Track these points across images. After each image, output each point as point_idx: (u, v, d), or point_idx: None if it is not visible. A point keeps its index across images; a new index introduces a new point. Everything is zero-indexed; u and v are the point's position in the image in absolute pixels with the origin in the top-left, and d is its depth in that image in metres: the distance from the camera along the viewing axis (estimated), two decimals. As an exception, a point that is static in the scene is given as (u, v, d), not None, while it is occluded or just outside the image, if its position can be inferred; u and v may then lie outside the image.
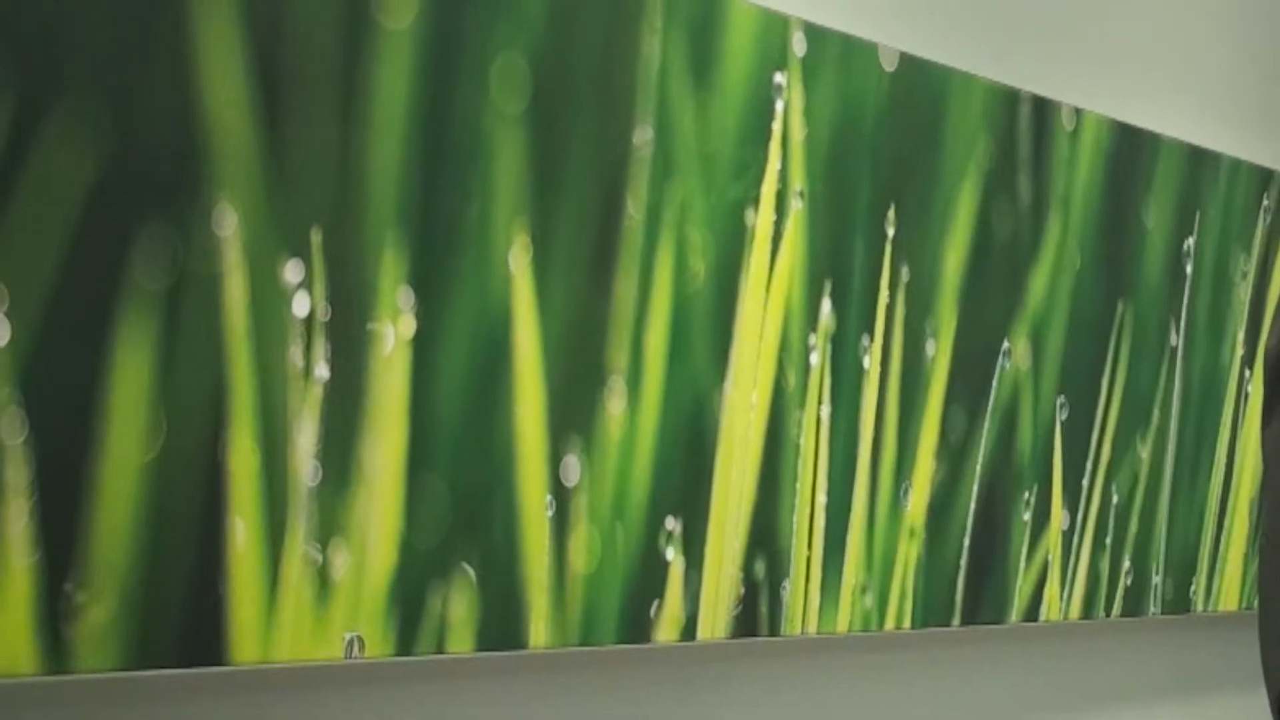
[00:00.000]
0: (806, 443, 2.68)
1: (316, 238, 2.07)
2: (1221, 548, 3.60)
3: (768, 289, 2.61)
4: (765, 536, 2.62)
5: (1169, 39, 3.54)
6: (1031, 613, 3.08)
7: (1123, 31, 3.41)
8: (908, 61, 2.81)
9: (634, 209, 2.42)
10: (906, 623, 2.82)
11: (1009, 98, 3.00)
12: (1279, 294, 3.74)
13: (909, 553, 2.86)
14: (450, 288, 2.21)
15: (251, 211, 2.02)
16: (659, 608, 2.46)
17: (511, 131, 2.27)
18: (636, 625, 2.43)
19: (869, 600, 2.78)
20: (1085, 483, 3.20)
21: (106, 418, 1.89)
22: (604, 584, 2.40)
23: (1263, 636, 1.52)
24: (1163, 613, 3.39)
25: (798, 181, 2.64)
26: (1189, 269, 3.45)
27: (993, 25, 3.10)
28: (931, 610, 2.87)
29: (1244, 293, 3.61)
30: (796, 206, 2.64)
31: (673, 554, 2.47)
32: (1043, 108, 3.08)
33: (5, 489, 1.81)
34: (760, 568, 2.61)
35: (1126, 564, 3.33)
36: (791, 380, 2.65)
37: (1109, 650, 3.42)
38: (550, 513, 2.31)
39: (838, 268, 2.72)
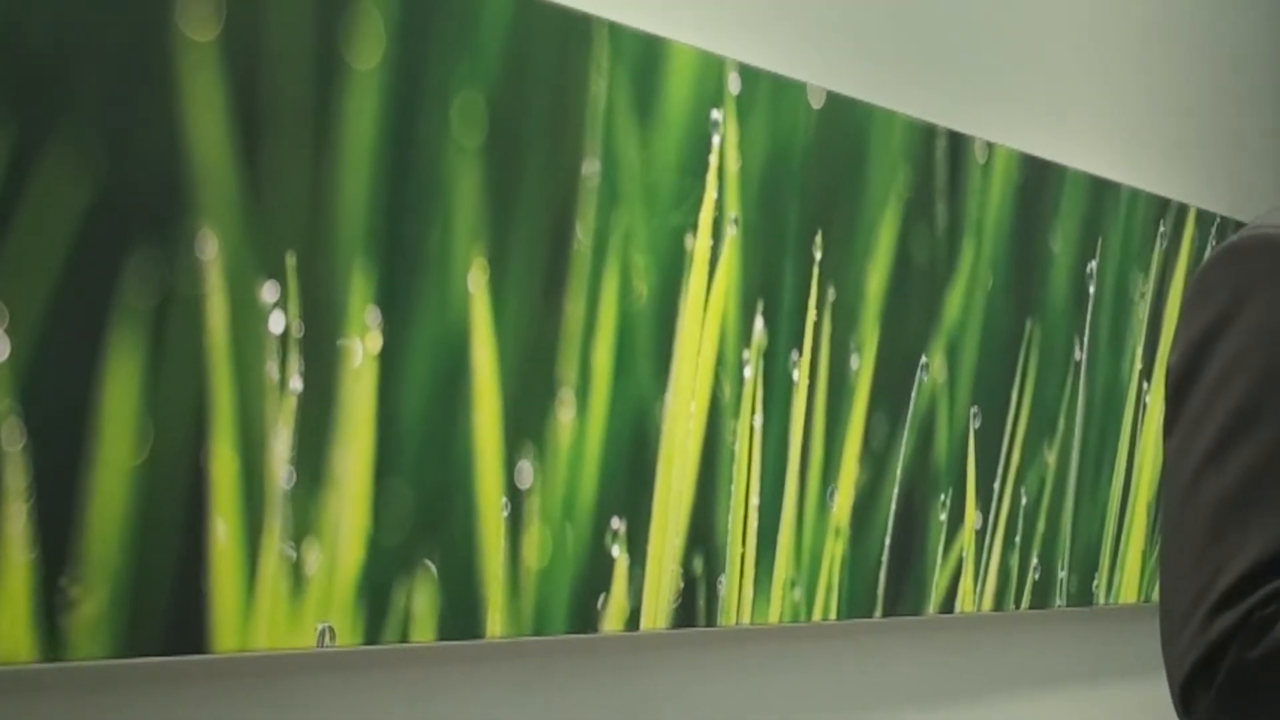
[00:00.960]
0: (740, 449, 2.68)
1: (291, 261, 2.08)
2: (1122, 546, 3.60)
3: (705, 308, 2.61)
4: (703, 535, 2.62)
5: (1074, 79, 3.55)
6: (947, 605, 3.09)
7: (1031, 72, 3.41)
8: (834, 99, 2.82)
9: (582, 234, 2.42)
10: (832, 614, 2.83)
11: (927, 133, 3.01)
12: (1177, 314, 3.73)
13: (835, 550, 2.85)
14: (414, 306, 2.21)
15: (231, 237, 2.02)
16: (605, 600, 2.46)
17: (470, 163, 2.28)
18: (584, 617, 2.43)
19: (798, 594, 2.78)
20: (996, 486, 3.22)
21: (98, 426, 1.90)
22: (555, 579, 2.39)
23: (1163, 633, 1.52)
24: (1068, 605, 3.41)
25: (733, 209, 2.65)
26: (1092, 290, 3.46)
27: (912, 66, 3.11)
28: (855, 603, 2.88)
29: (1142, 312, 3.62)
30: (731, 232, 2.65)
31: (618, 551, 2.48)
32: (958, 142, 3.08)
33: (5, 492, 1.82)
34: (698, 564, 2.61)
35: (1034, 561, 3.33)
36: (727, 392, 2.65)
37: (1018, 640, 3.41)
38: (505, 513, 2.32)
39: (769, 288, 2.73)
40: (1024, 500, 3.30)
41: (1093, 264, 3.47)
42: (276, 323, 2.06)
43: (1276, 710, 1.46)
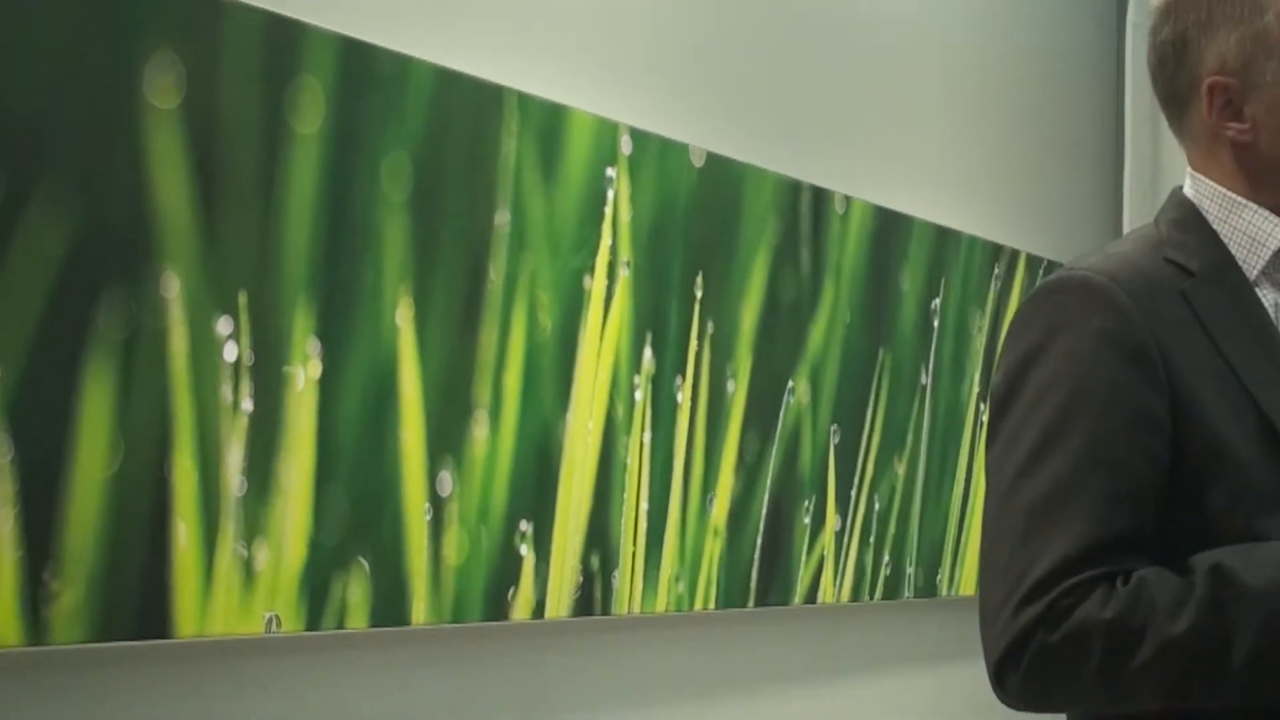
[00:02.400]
0: (632, 462, 2.69)
1: (243, 299, 2.09)
2: (962, 544, 3.59)
3: (601, 339, 2.62)
4: (599, 536, 2.63)
5: (920, 141, 3.56)
6: (810, 597, 3.10)
7: (884, 134, 3.42)
8: (713, 159, 2.84)
9: (495, 276, 2.43)
10: (711, 605, 2.85)
11: (793, 188, 3.02)
12: (1003, 345, 3.81)
13: (713, 549, 2.86)
14: (349, 338, 2.22)
15: (190, 278, 2.04)
16: (514, 593, 2.47)
17: (397, 215, 2.29)
18: (497, 606, 2.44)
19: (681, 587, 2.79)
20: (853, 493, 3.22)
21: (76, 441, 1.91)
22: (471, 574, 2.40)
23: (981, 621, 1.52)
24: (915, 597, 3.43)
25: (625, 254, 2.66)
26: (935, 324, 3.47)
27: (780, 130, 3.11)
28: (731, 595, 2.90)
29: (979, 343, 3.63)
30: (624, 274, 2.66)
31: (525, 550, 2.48)
32: (820, 196, 3.10)
33: (-6, 498, 1.85)
34: (595, 561, 2.62)
35: (886, 558, 3.33)
36: (620, 412, 2.66)
37: (872, 627, 3.39)
38: (428, 517, 2.32)
39: (657, 323, 2.74)
40: (877, 505, 3.30)
41: (936, 301, 3.48)
42: (230, 352, 2.08)
43: (1071, 684, 1.47)
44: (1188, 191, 1.65)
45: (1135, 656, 1.43)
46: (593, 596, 2.63)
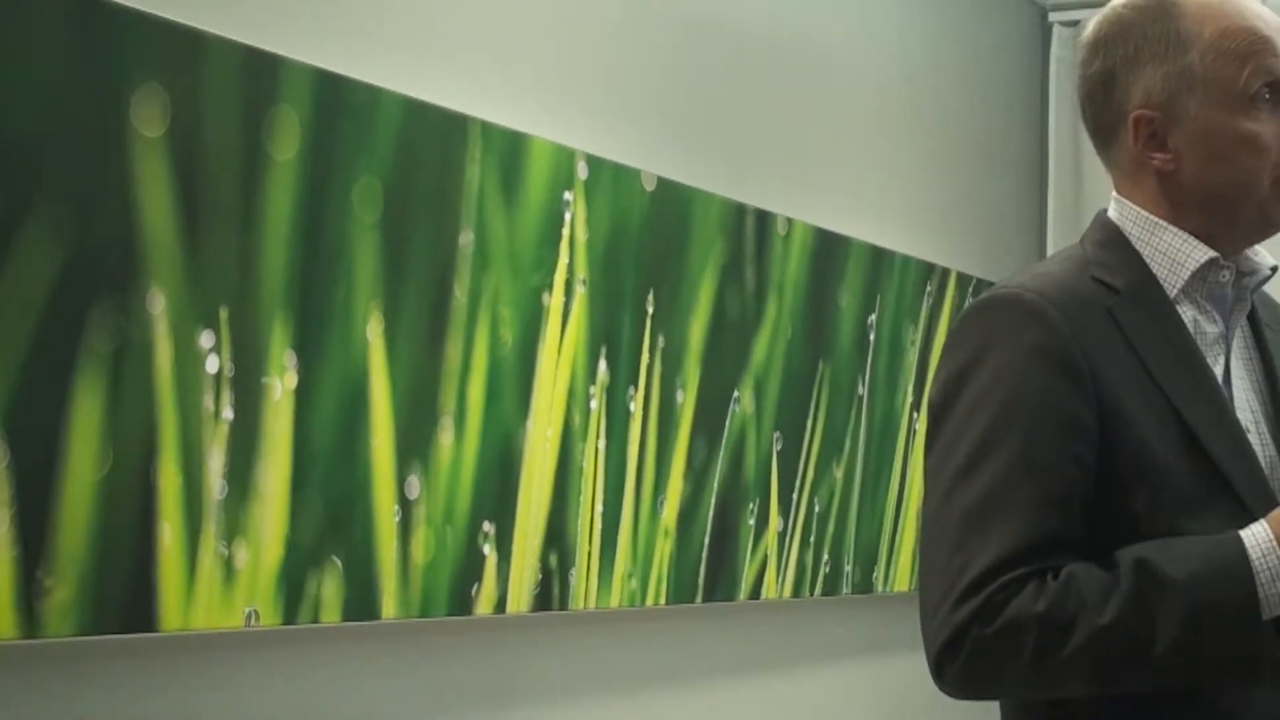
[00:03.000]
0: (588, 467, 2.69)
1: (224, 314, 2.09)
2: (896, 544, 3.60)
3: (559, 352, 2.62)
4: (557, 536, 2.63)
5: (858, 166, 3.55)
6: (755, 593, 3.11)
7: (823, 160, 3.42)
8: (663, 183, 2.85)
9: (459, 293, 2.44)
10: (662, 600, 2.86)
11: (738, 211, 3.04)
12: (938, 358, 3.80)
13: (663, 548, 2.87)
14: (323, 351, 2.22)
15: (175, 294, 2.04)
16: (478, 589, 2.47)
17: (368, 236, 2.29)
18: (461, 602, 2.44)
19: (634, 583, 2.80)
20: (795, 496, 3.23)
21: (68, 447, 1.91)
22: (437, 571, 2.40)
23: (922, 616, 1.52)
24: (853, 593, 3.43)
25: (581, 272, 2.67)
26: (872, 338, 3.48)
27: (726, 156, 3.12)
28: (680, 591, 2.90)
29: (913, 356, 3.64)
30: (580, 291, 2.67)
31: (488, 549, 2.48)
32: (763, 218, 3.11)
33: (-9, 501, 1.84)
34: (553, 559, 2.62)
35: (825, 557, 3.34)
36: (577, 420, 2.67)
37: (813, 622, 3.40)
38: (397, 518, 2.33)
39: (611, 337, 2.74)
40: (817, 508, 3.31)
41: (873, 317, 3.49)
42: (212, 364, 2.08)
43: (1006, 673, 1.48)
44: (1112, 215, 1.65)
45: (1066, 646, 1.44)
46: (551, 593, 2.63)
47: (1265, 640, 1.44)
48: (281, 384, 2.17)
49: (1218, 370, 1.60)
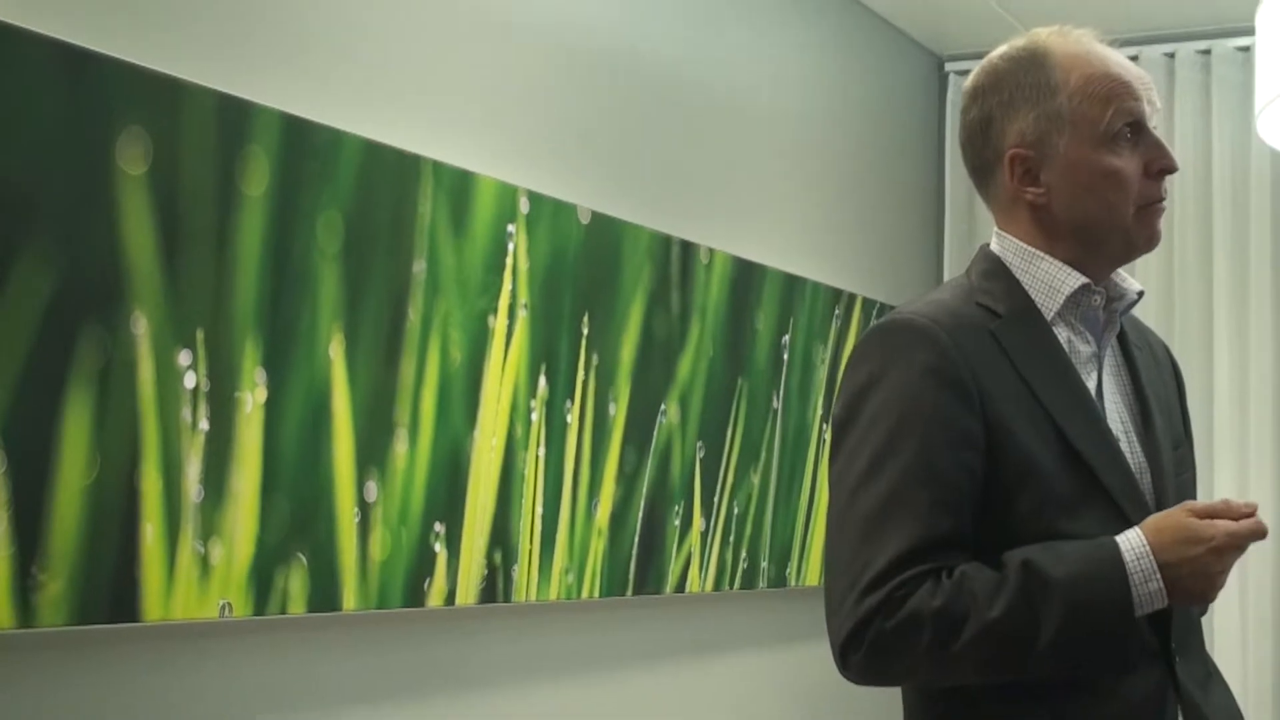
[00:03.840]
0: (529, 473, 2.69)
1: (200, 335, 2.10)
2: (808, 543, 3.58)
3: (503, 369, 2.63)
4: (501, 535, 2.63)
5: (773, 201, 3.55)
6: (680, 587, 3.11)
7: (741, 196, 3.42)
8: (597, 217, 2.87)
9: (413, 316, 2.44)
10: (596, 594, 2.86)
11: (664, 241, 3.05)
12: (842, 376, 3.74)
13: (597, 546, 2.87)
14: (290, 368, 2.23)
15: (156, 318, 2.05)
16: (430, 583, 2.47)
17: (331, 264, 2.30)
18: (415, 595, 2.44)
19: (571, 578, 2.80)
20: (716, 500, 3.23)
21: (60, 455, 1.92)
22: (393, 567, 2.40)
23: (828, 610, 1.53)
24: (768, 587, 3.43)
25: (523, 297, 2.67)
26: (785, 357, 3.49)
27: (655, 193, 3.13)
28: (612, 585, 2.91)
29: (822, 373, 3.65)
30: (522, 314, 2.67)
31: (439, 548, 2.49)
32: (687, 248, 3.13)
33: (-10, 504, 1.84)
34: (498, 556, 2.62)
35: (744, 554, 3.33)
36: (519, 431, 2.67)
37: (732, 613, 3.39)
38: (357, 520, 2.33)
39: (550, 355, 2.74)
40: (736, 510, 3.30)
41: (786, 337, 3.49)
42: (189, 380, 2.08)
43: (905, 662, 1.49)
44: (994, 247, 1.66)
45: (959, 639, 1.45)
46: (496, 586, 2.62)
47: (1138, 635, 1.47)
48: (252, 398, 2.17)
49: (1091, 385, 1.61)
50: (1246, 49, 3.94)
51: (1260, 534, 1.48)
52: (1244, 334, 3.99)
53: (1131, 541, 1.47)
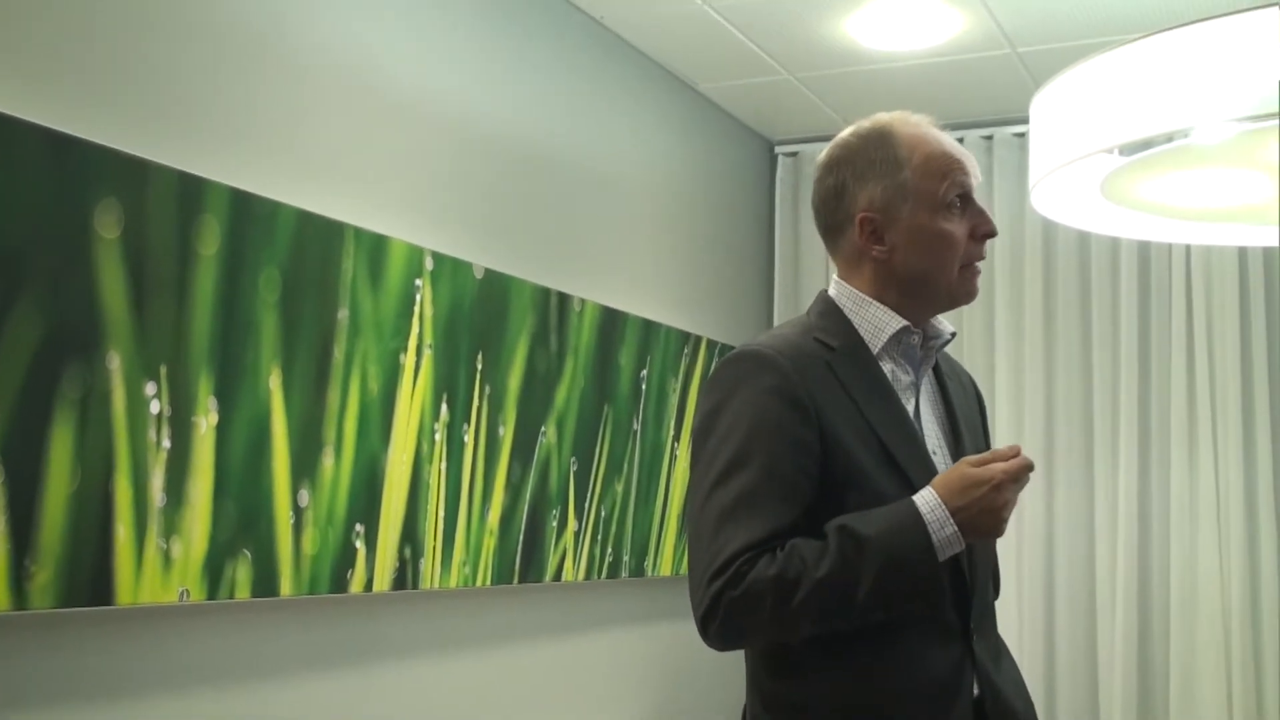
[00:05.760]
0: (433, 483, 2.69)
1: (163, 370, 2.10)
2: (662, 541, 3.56)
3: (412, 398, 2.63)
4: (411, 534, 2.63)
5: (633, 259, 3.53)
6: (557, 576, 3.11)
7: (607, 255, 3.41)
8: (490, 273, 2.87)
9: (338, 354, 2.45)
10: (488, 582, 2.87)
11: (545, 293, 3.02)
12: (697, 399, 3.62)
13: (489, 543, 2.87)
14: (237, 397, 2.23)
15: (128, 356, 2.05)
16: (352, 574, 2.48)
17: (270, 311, 2.30)
18: (339, 583, 2.45)
19: (467, 569, 2.80)
20: (586, 505, 3.23)
21: (48, 468, 1.93)
22: (322, 560, 2.41)
23: (690, 589, 1.52)
24: (629, 577, 3.43)
25: (428, 339, 2.68)
26: (644, 388, 3.49)
27: (536, 253, 3.08)
28: (501, 575, 2.91)
29: (674, 401, 3.63)
30: (428, 353, 2.67)
31: (359, 544, 2.50)
32: (563, 299, 3.12)
33: (-10, 508, 1.82)
34: (408, 551, 2.63)
35: (609, 550, 3.33)
36: (425, 448, 2.67)
37: (600, 598, 3.36)
38: (292, 521, 2.35)
39: (450, 387, 2.74)
40: (603, 513, 3.30)
41: (644, 372, 3.49)
42: (155, 407, 2.10)
43: (753, 624, 1.47)
44: (831, 293, 1.65)
45: (794, 599, 1.44)
46: (406, 576, 2.61)
47: (940, 574, 1.46)
48: (206, 421, 2.17)
49: (910, 408, 1.61)
50: (1022, 134, 4.02)
51: (1028, 467, 1.47)
52: (1019, 366, 4.04)
53: (925, 497, 1.47)
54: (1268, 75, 1.89)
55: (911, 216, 1.57)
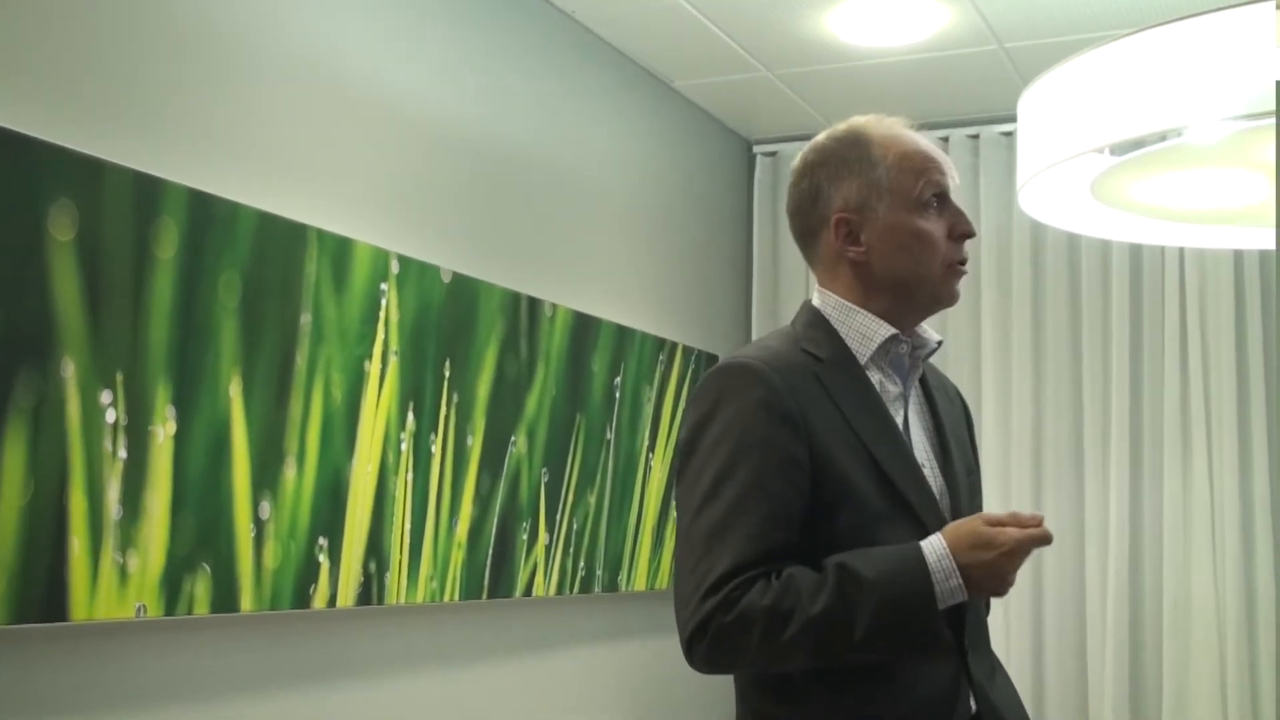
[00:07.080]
0: (399, 494, 2.69)
1: (119, 377, 2.11)
2: (636, 554, 3.58)
3: (377, 406, 2.64)
4: (376, 548, 2.64)
5: (607, 263, 3.53)
6: (528, 591, 3.12)
7: (580, 258, 3.41)
8: (457, 277, 2.88)
9: (301, 361, 2.45)
10: (456, 597, 2.88)
11: (515, 298, 3.06)
12: (672, 410, 3.64)
13: (457, 557, 2.88)
14: (195, 406, 2.24)
15: (82, 363, 2.05)
16: (315, 589, 2.48)
17: (230, 316, 2.30)
18: (302, 598, 2.46)
19: (435, 584, 2.81)
20: (558, 517, 3.23)
21: (0, 478, 1.91)
22: (283, 575, 2.41)
23: (676, 609, 1.53)
24: (602, 591, 3.44)
25: (394, 345, 2.68)
26: (618, 395, 3.50)
27: (506, 256, 3.07)
28: (470, 590, 2.92)
29: (649, 410, 3.65)
30: (393, 360, 2.68)
31: (323, 558, 2.50)
32: (534, 304, 3.13)
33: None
34: (373, 565, 2.63)
35: (581, 564, 3.34)
36: (391, 459, 2.67)
37: (572, 614, 3.37)
38: (253, 534, 2.35)
39: (417, 395, 2.75)
40: (575, 526, 3.30)
41: (618, 379, 3.49)
42: (110, 415, 2.10)
43: (741, 652, 1.48)
44: (816, 303, 1.66)
45: (786, 631, 1.45)
46: (371, 591, 2.62)
47: (939, 624, 1.47)
48: (164, 430, 2.17)
49: (898, 420, 1.62)
50: (1010, 133, 4.04)
51: (1045, 540, 1.48)
52: (1007, 373, 4.07)
53: (934, 544, 1.48)
54: (1263, 72, 1.90)
55: (887, 215, 1.59)
